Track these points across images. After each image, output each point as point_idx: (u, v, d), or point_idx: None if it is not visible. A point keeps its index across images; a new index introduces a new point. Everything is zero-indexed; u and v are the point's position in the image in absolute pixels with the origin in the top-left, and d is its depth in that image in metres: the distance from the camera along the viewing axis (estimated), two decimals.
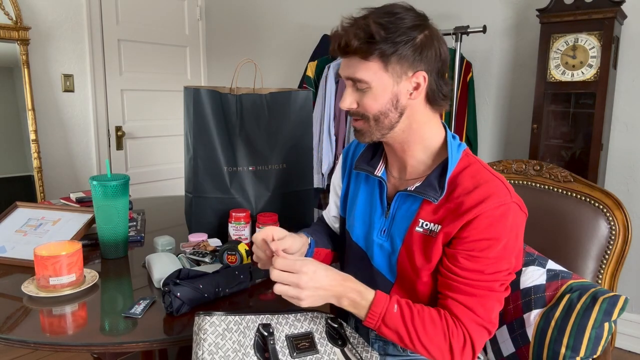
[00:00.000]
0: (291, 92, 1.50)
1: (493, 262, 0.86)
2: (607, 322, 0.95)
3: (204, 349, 0.82)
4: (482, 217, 0.85)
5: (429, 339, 0.84)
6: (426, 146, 0.96)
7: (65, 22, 2.86)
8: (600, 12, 1.95)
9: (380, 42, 0.85)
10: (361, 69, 0.88)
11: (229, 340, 0.84)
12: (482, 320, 0.86)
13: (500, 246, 0.86)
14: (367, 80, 0.88)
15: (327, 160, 2.63)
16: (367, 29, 0.85)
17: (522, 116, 2.44)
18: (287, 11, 3.28)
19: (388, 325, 0.85)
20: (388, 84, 0.89)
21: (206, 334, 0.83)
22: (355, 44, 0.86)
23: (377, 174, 1.00)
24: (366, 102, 0.90)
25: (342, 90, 2.54)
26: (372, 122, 0.92)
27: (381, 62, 0.87)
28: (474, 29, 2.29)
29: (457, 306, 0.86)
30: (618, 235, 1.14)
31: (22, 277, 1.15)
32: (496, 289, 0.88)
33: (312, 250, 1.07)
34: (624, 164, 2.21)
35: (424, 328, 0.84)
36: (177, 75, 3.54)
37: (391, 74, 0.88)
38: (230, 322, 0.86)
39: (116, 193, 1.25)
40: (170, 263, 1.15)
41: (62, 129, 2.92)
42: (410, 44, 0.86)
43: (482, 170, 0.92)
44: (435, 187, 0.91)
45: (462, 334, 0.85)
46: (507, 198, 0.87)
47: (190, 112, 1.40)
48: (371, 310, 0.85)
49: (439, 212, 0.91)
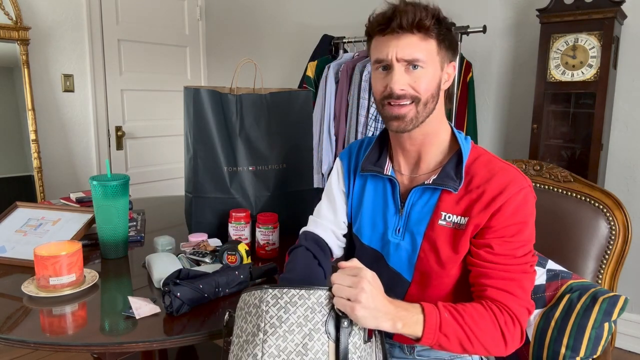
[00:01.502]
0: (291, 92, 1.50)
1: (523, 245, 0.90)
2: (607, 322, 0.95)
3: (266, 321, 0.77)
4: (508, 204, 0.89)
5: (484, 333, 0.83)
6: (440, 140, 0.98)
7: (65, 22, 2.86)
8: (600, 12, 1.95)
9: (442, 24, 0.90)
10: (421, 49, 0.89)
11: (293, 314, 0.77)
12: (523, 301, 0.88)
13: (528, 228, 0.90)
14: (425, 60, 0.90)
15: (327, 160, 2.63)
16: (432, 10, 0.89)
17: (522, 116, 2.44)
18: (287, 11, 3.28)
19: (447, 335, 0.80)
20: (437, 68, 0.93)
21: (268, 306, 0.78)
22: (425, 19, 0.88)
23: (387, 172, 1.01)
24: (421, 84, 0.91)
25: (341, 92, 2.55)
26: (421, 107, 0.92)
27: (436, 43, 0.91)
28: (474, 29, 2.29)
29: (499, 293, 0.87)
30: (618, 235, 1.14)
31: (22, 277, 1.15)
32: (528, 270, 0.90)
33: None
34: (624, 164, 2.21)
35: (476, 325, 0.82)
36: (177, 75, 3.54)
37: (440, 57, 0.92)
38: (294, 295, 0.78)
39: (116, 193, 1.25)
40: (170, 263, 1.15)
41: (62, 129, 2.92)
42: (452, 37, 0.93)
43: (493, 159, 0.95)
44: (453, 177, 0.93)
45: (510, 319, 0.85)
46: (524, 182, 0.91)
47: (190, 112, 1.40)
48: (426, 324, 0.79)
49: (461, 203, 0.92)
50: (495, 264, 0.88)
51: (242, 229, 1.38)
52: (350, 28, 2.91)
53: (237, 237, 1.37)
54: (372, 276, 0.78)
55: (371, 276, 0.77)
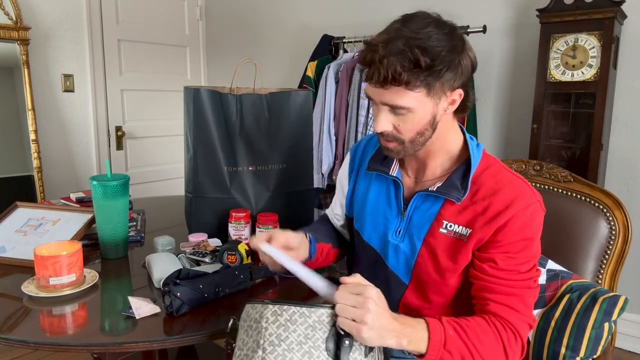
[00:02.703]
0: (291, 92, 1.50)
1: (528, 261, 0.88)
2: (607, 322, 0.95)
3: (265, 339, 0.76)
4: (514, 220, 0.87)
5: (488, 350, 0.83)
6: (448, 150, 0.97)
7: (65, 22, 2.86)
8: (600, 12, 1.95)
9: (426, 70, 0.82)
10: (404, 97, 0.85)
11: (293, 332, 0.76)
12: (525, 317, 0.87)
13: (534, 245, 0.89)
14: (410, 107, 0.86)
15: (327, 160, 2.63)
16: (411, 57, 0.81)
17: (522, 116, 2.44)
18: (287, 11, 3.28)
19: (451, 352, 0.80)
20: (429, 108, 0.87)
21: (268, 323, 0.77)
22: (404, 77, 0.81)
23: (392, 173, 1.00)
24: (405, 127, 0.88)
25: (341, 92, 2.55)
26: (407, 144, 0.91)
27: (425, 89, 0.84)
28: (474, 29, 2.29)
29: (502, 308, 0.86)
30: (618, 235, 1.14)
31: (22, 277, 1.15)
32: (532, 286, 0.89)
33: (314, 247, 1.06)
34: (624, 164, 2.21)
35: (479, 341, 0.82)
36: (177, 75, 3.54)
37: (432, 97, 0.86)
38: (295, 313, 0.77)
39: (116, 193, 1.25)
40: (170, 263, 1.15)
41: (62, 129, 2.92)
42: (452, 68, 0.85)
43: (502, 170, 0.93)
44: (457, 187, 0.91)
45: (512, 334, 0.85)
46: (532, 197, 0.89)
47: (190, 112, 1.40)
48: (431, 341, 0.79)
49: (465, 213, 0.91)
50: (498, 279, 0.87)
51: (242, 229, 1.38)
52: (350, 28, 2.91)
53: (237, 237, 1.37)
54: (377, 294, 0.76)
55: (376, 295, 0.75)
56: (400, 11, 0.98)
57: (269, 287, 1.16)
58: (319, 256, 1.08)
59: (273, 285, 1.17)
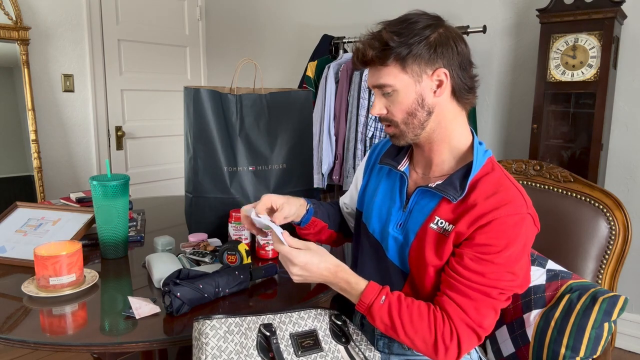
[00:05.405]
0: (291, 92, 1.50)
1: (496, 269, 0.87)
2: (607, 322, 0.95)
3: (207, 353, 0.82)
4: (495, 223, 0.87)
5: (414, 330, 0.87)
6: (453, 146, 0.98)
7: (65, 22, 2.86)
8: (600, 12, 1.95)
9: (395, 47, 0.90)
10: (382, 75, 0.93)
11: (231, 342, 0.85)
12: (473, 322, 0.87)
13: (507, 254, 0.87)
14: (390, 84, 0.93)
15: (327, 160, 2.63)
16: (380, 38, 0.91)
17: (522, 116, 2.44)
18: (287, 11, 3.28)
19: (372, 315, 0.89)
20: (410, 84, 0.92)
21: (207, 338, 0.83)
22: (370, 53, 0.92)
23: (400, 168, 1.04)
24: (394, 108, 0.95)
25: (341, 93, 2.55)
26: (401, 126, 0.96)
27: (398, 64, 0.91)
28: (474, 29, 2.29)
29: (451, 304, 0.88)
30: (618, 235, 1.14)
31: (22, 277, 1.15)
32: (493, 296, 0.88)
33: (309, 217, 1.14)
34: (624, 164, 2.21)
35: (410, 320, 0.87)
36: (177, 75, 3.54)
37: (410, 74, 0.92)
38: (231, 324, 0.87)
39: (116, 193, 1.25)
40: (170, 263, 1.15)
41: (62, 129, 2.92)
42: (424, 43, 0.90)
43: (503, 178, 0.94)
44: (456, 186, 0.93)
45: (449, 330, 0.86)
46: (523, 208, 0.89)
47: (190, 112, 1.40)
48: (360, 300, 0.90)
49: (455, 212, 0.92)
50: (460, 277, 0.87)
51: (242, 229, 1.38)
52: (350, 28, 2.92)
53: (237, 237, 1.37)
54: (305, 258, 0.90)
55: (303, 260, 0.89)
56: (400, 11, 0.99)
57: (269, 287, 1.16)
58: (311, 229, 1.16)
59: (273, 285, 1.17)
